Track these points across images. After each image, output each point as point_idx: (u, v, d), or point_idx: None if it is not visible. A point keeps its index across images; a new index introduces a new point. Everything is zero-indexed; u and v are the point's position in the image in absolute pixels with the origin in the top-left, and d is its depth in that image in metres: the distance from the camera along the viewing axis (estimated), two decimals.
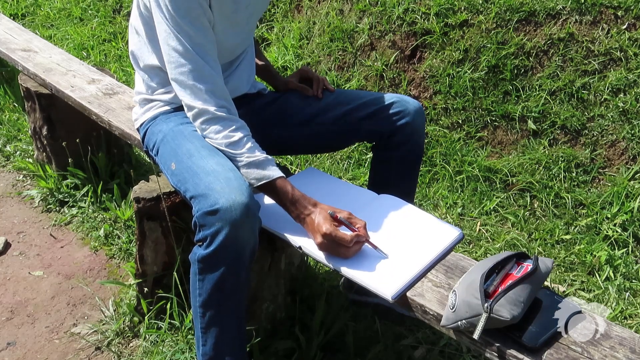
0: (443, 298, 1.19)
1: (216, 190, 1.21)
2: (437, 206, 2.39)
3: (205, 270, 1.25)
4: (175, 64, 1.33)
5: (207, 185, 1.23)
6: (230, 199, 1.18)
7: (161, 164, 1.47)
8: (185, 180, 1.31)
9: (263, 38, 3.42)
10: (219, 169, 1.26)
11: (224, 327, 1.31)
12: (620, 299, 1.90)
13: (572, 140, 2.37)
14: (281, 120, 1.64)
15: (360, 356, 1.63)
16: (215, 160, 1.29)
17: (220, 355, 1.33)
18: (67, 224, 2.34)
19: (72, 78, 2.34)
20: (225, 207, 1.17)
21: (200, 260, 1.24)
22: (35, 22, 4.38)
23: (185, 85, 1.33)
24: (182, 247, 1.69)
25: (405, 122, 1.56)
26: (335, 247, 1.25)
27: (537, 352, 1.04)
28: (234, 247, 1.21)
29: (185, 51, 1.31)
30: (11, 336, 1.79)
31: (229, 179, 1.23)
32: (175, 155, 1.37)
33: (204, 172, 1.27)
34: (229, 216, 1.17)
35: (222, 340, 1.31)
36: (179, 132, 1.43)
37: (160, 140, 1.47)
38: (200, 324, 1.31)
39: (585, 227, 2.17)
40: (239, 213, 1.18)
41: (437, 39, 2.69)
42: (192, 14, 1.29)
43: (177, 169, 1.35)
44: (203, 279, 1.26)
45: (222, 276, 1.24)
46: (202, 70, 1.32)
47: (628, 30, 2.34)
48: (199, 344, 1.34)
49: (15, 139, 2.91)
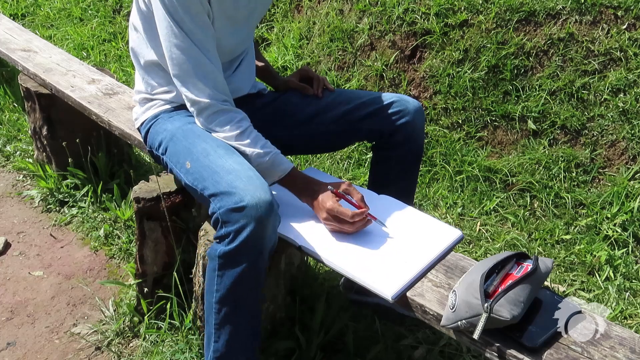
0: (443, 298, 1.19)
1: (240, 188, 1.23)
2: (437, 206, 2.39)
3: (226, 266, 1.26)
4: (177, 60, 1.34)
5: (229, 183, 1.25)
6: (256, 196, 1.21)
7: (171, 162, 1.47)
8: (203, 179, 1.32)
9: (263, 38, 3.42)
10: (239, 168, 1.29)
11: (239, 324, 1.32)
12: (620, 299, 1.90)
13: (572, 140, 2.37)
14: (281, 120, 1.64)
15: (360, 356, 1.63)
16: (233, 159, 1.32)
17: (232, 353, 1.33)
18: (67, 224, 2.34)
19: (72, 78, 2.34)
20: (251, 204, 1.20)
21: (222, 256, 1.25)
22: (35, 22, 4.38)
23: (188, 81, 1.35)
24: (182, 247, 1.69)
25: (406, 121, 1.56)
26: (339, 223, 1.32)
27: (537, 352, 1.04)
28: (257, 243, 1.23)
29: (186, 48, 1.32)
30: (11, 336, 1.79)
31: (251, 177, 1.26)
32: (190, 153, 1.38)
33: (224, 170, 1.29)
34: (255, 213, 1.20)
35: (235, 337, 1.32)
36: (189, 130, 1.44)
37: (169, 139, 1.47)
38: (214, 320, 1.32)
39: (585, 227, 2.17)
40: (264, 210, 1.20)
41: (437, 39, 2.69)
42: (192, 10, 1.31)
43: (192, 168, 1.36)
44: (222, 274, 1.27)
45: (242, 273, 1.25)
46: (203, 67, 1.34)
47: (628, 30, 2.34)
48: (211, 340, 1.34)
49: (15, 139, 2.91)
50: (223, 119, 1.38)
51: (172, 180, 1.67)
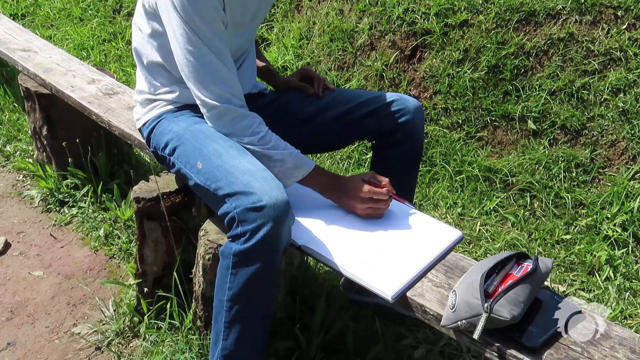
0: (443, 298, 1.19)
1: (257, 188, 1.25)
2: (437, 206, 2.39)
3: (241, 264, 1.26)
4: (193, 67, 1.34)
5: (245, 184, 1.26)
6: (273, 196, 1.23)
7: (180, 163, 1.46)
8: (216, 179, 1.33)
9: (263, 38, 3.42)
10: (253, 169, 1.30)
11: (249, 322, 1.32)
12: (620, 299, 1.90)
13: (572, 140, 2.37)
14: (282, 120, 1.64)
15: (360, 356, 1.63)
16: (246, 160, 1.33)
17: (241, 351, 1.33)
18: (67, 224, 2.34)
19: (72, 78, 2.34)
20: (270, 204, 1.21)
21: (237, 254, 1.26)
22: (35, 22, 4.37)
23: (205, 88, 1.36)
24: (182, 247, 1.69)
25: (406, 120, 1.57)
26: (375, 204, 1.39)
27: (537, 352, 1.04)
28: (273, 242, 1.24)
29: (203, 55, 1.33)
30: (11, 336, 1.79)
31: (266, 178, 1.28)
32: (201, 154, 1.39)
33: (238, 171, 1.30)
34: (273, 213, 1.21)
35: (245, 336, 1.32)
36: (198, 131, 1.44)
37: (177, 140, 1.47)
38: (225, 318, 1.32)
39: (585, 227, 2.17)
40: (282, 210, 1.22)
41: (437, 39, 2.69)
42: (208, 18, 1.31)
43: (204, 168, 1.37)
44: (236, 272, 1.27)
45: (256, 271, 1.26)
46: (220, 73, 1.35)
47: (628, 30, 2.34)
48: (219, 338, 1.34)
49: (15, 139, 2.91)
50: (244, 124, 1.39)
51: (172, 180, 1.67)
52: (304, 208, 1.43)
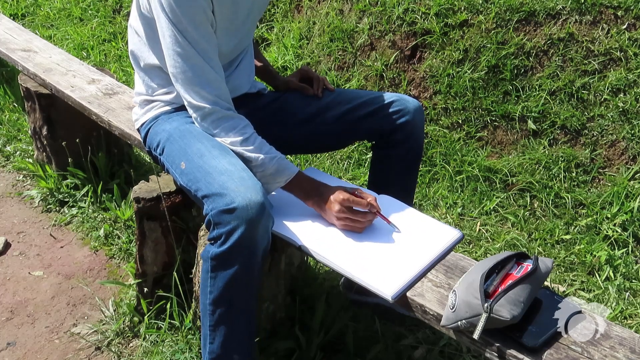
0: (443, 298, 1.19)
1: (232, 189, 1.23)
2: (437, 206, 2.39)
3: (218, 268, 1.26)
4: (180, 68, 1.34)
5: (221, 185, 1.25)
6: (247, 197, 1.21)
7: (168, 163, 1.47)
8: (196, 180, 1.32)
9: (263, 38, 3.42)
10: (231, 169, 1.29)
11: (233, 325, 1.31)
12: (620, 299, 1.90)
13: (572, 140, 2.37)
14: (281, 120, 1.64)
15: (360, 356, 1.63)
16: (227, 160, 1.31)
17: (227, 354, 1.33)
18: (67, 224, 2.34)
19: (72, 78, 2.34)
20: (242, 206, 1.20)
21: (214, 257, 1.25)
22: (35, 22, 4.37)
23: (191, 89, 1.35)
24: (182, 247, 1.69)
25: (406, 120, 1.56)
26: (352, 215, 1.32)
27: (537, 352, 1.04)
28: (249, 245, 1.23)
29: (190, 56, 1.33)
30: (11, 336, 1.79)
31: (243, 178, 1.26)
32: (185, 154, 1.38)
33: (216, 171, 1.29)
34: (246, 214, 1.20)
35: (230, 338, 1.32)
36: (186, 131, 1.44)
37: (166, 140, 1.47)
38: (209, 322, 1.32)
39: (585, 227, 2.17)
40: (255, 212, 1.20)
41: (437, 39, 2.69)
42: (196, 20, 1.31)
43: (187, 168, 1.36)
44: (215, 276, 1.27)
45: (235, 274, 1.25)
46: (207, 74, 1.34)
47: (628, 30, 2.34)
48: (206, 342, 1.34)
49: (15, 139, 2.91)
50: (228, 124, 1.37)
51: (172, 181, 1.67)
52: (304, 208, 1.43)
